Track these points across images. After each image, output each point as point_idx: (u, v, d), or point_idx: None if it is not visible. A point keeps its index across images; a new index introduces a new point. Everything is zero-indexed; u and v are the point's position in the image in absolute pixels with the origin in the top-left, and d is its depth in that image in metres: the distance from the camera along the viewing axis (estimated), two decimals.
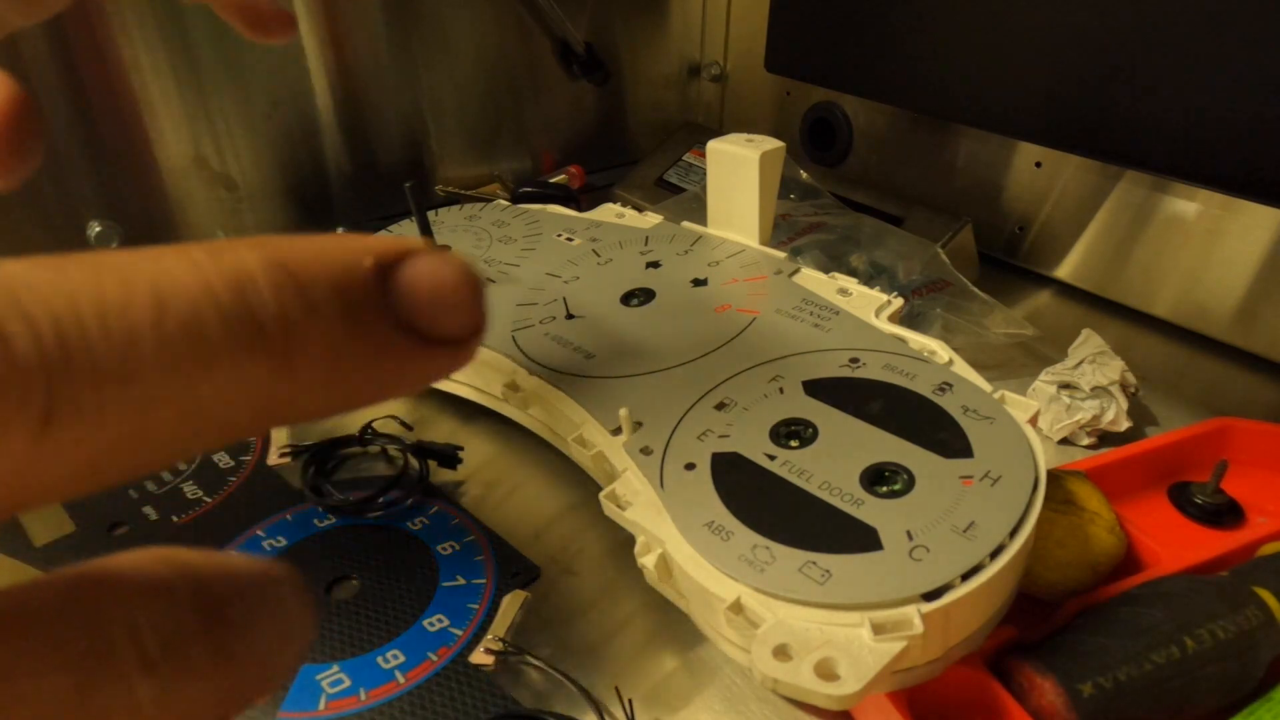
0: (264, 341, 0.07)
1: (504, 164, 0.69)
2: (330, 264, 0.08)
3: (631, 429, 0.32)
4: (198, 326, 0.07)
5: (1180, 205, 0.50)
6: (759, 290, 0.39)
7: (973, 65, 0.53)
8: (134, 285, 0.07)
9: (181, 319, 0.07)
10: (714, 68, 0.77)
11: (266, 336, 0.07)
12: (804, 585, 0.24)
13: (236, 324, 0.07)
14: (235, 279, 0.07)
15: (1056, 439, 0.43)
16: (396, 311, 0.08)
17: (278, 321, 0.07)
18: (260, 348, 0.07)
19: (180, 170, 0.55)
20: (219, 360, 0.07)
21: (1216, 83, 0.43)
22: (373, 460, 0.41)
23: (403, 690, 0.30)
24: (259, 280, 0.07)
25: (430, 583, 0.34)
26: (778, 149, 0.41)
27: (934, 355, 0.33)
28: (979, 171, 0.59)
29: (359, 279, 0.08)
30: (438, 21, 0.62)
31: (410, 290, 0.08)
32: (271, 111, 0.58)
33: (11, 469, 0.06)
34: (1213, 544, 0.33)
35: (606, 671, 0.31)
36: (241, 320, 0.07)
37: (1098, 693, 0.26)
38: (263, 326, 0.07)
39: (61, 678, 0.07)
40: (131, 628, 0.07)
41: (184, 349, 0.07)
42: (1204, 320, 0.51)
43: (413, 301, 0.08)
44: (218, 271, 0.07)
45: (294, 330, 0.07)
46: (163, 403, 0.07)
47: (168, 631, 0.07)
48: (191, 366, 0.07)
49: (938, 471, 0.28)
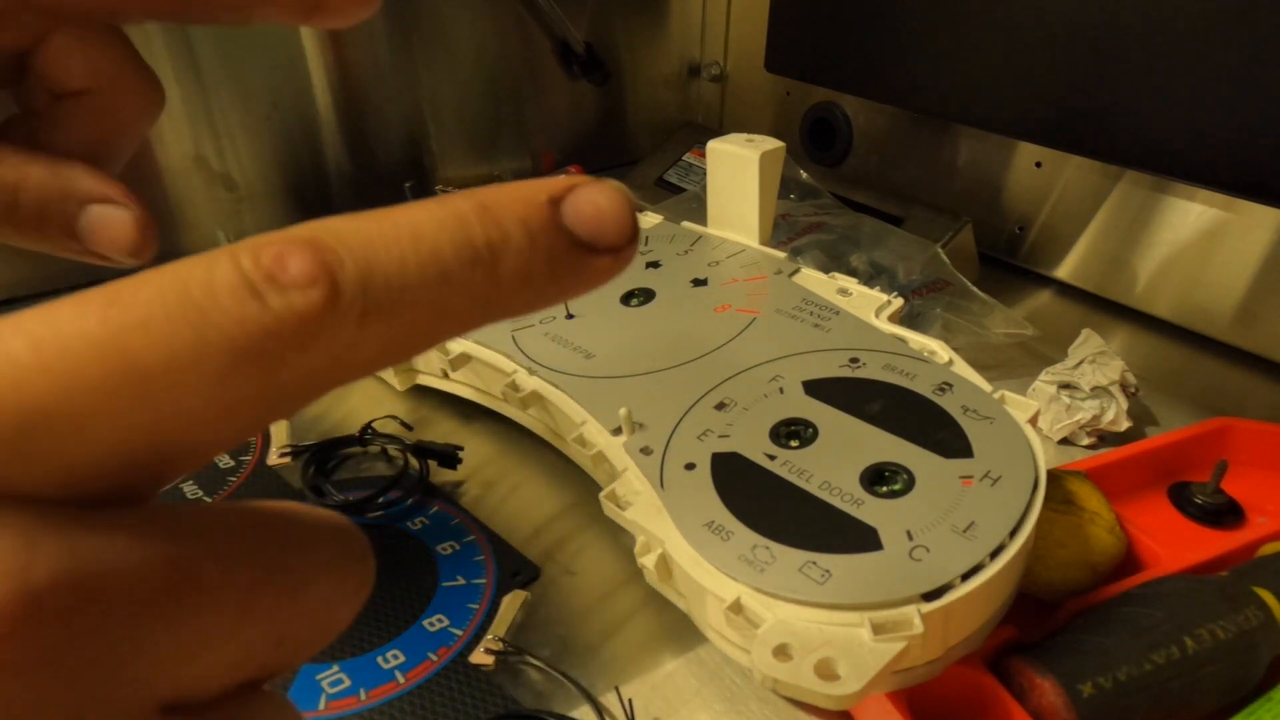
0: (478, 258, 0.10)
1: (504, 164, 0.69)
2: (517, 201, 0.11)
3: (631, 429, 0.32)
4: (437, 250, 0.10)
5: (1180, 205, 0.50)
6: (759, 290, 0.39)
7: (973, 65, 0.53)
8: (400, 227, 0.10)
9: (429, 246, 0.10)
10: (714, 68, 0.77)
11: (479, 255, 0.10)
12: (804, 585, 0.24)
13: (461, 247, 0.10)
14: (456, 218, 0.10)
15: (1056, 439, 0.43)
16: (568, 230, 0.11)
17: (485, 244, 0.11)
18: (476, 262, 0.10)
19: (180, 170, 0.55)
20: (453, 272, 0.10)
21: (1217, 83, 0.43)
22: (373, 460, 0.41)
23: (403, 690, 0.30)
24: (470, 218, 0.11)
25: (430, 583, 0.34)
26: (778, 149, 0.41)
27: (934, 355, 0.33)
28: (979, 171, 0.59)
29: (537, 210, 0.11)
30: (438, 21, 0.62)
31: (576, 212, 0.11)
32: (271, 111, 0.58)
33: (345, 346, 0.10)
34: (1213, 544, 0.33)
35: (606, 671, 0.31)
36: (463, 244, 0.10)
37: (1098, 693, 0.26)
38: (476, 248, 0.10)
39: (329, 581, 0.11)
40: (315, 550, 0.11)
41: (432, 266, 0.10)
42: (1204, 320, 0.51)
43: (578, 221, 0.11)
44: (445, 214, 0.10)
45: (496, 249, 0.11)
46: (424, 302, 0.10)
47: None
48: (437, 277, 0.10)
49: (938, 471, 0.28)
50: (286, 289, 0.09)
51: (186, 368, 0.09)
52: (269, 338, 0.09)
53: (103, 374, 0.09)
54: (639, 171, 0.68)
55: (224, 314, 0.09)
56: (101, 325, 0.09)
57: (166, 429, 0.09)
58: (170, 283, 0.09)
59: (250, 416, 0.10)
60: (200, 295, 0.09)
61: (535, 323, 0.40)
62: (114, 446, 0.09)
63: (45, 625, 0.08)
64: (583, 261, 0.11)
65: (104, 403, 0.09)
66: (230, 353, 0.09)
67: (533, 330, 0.39)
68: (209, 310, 0.09)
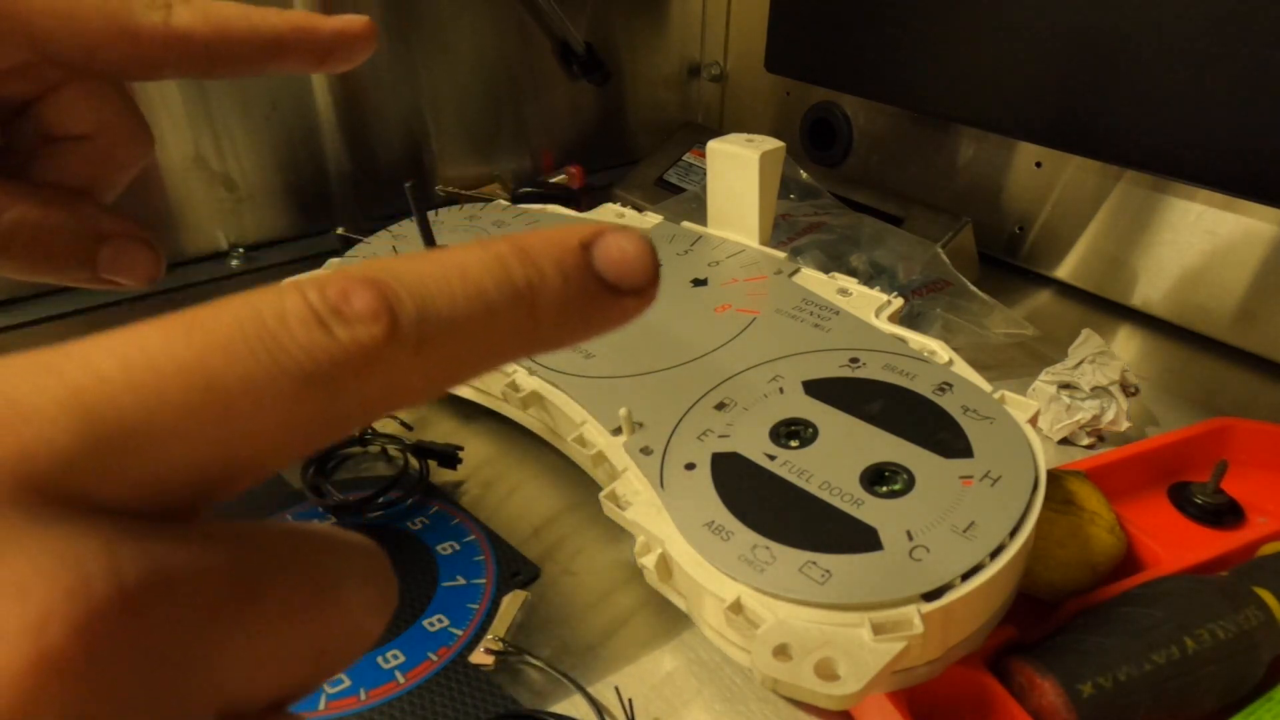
0: (519, 296, 0.12)
1: (504, 164, 0.69)
2: (552, 245, 0.12)
3: (631, 429, 0.32)
4: (483, 289, 0.11)
5: (1180, 205, 0.50)
6: (759, 290, 0.39)
7: (973, 65, 0.53)
8: (449, 268, 0.11)
9: (475, 286, 0.11)
10: (714, 68, 0.77)
11: (520, 293, 0.12)
12: (804, 585, 0.24)
13: (504, 285, 0.11)
14: (498, 260, 0.12)
15: (1056, 439, 0.43)
16: (598, 273, 0.12)
17: (525, 283, 0.12)
18: (517, 300, 0.12)
19: (180, 170, 0.55)
20: (497, 308, 0.11)
21: (1217, 83, 0.43)
22: (373, 460, 0.41)
23: (403, 690, 0.30)
24: (511, 260, 0.12)
25: (430, 583, 0.34)
26: (778, 149, 0.41)
27: (934, 355, 0.33)
28: (979, 171, 0.59)
29: (570, 253, 0.12)
30: (438, 21, 0.62)
31: (605, 257, 0.12)
32: (271, 111, 0.58)
33: (400, 374, 0.11)
34: (1213, 544, 0.33)
35: (606, 672, 0.31)
36: (505, 283, 0.11)
37: (1098, 693, 0.26)
38: (517, 287, 0.12)
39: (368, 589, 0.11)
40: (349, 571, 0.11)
41: (478, 302, 0.11)
42: (1204, 320, 0.51)
43: (607, 265, 0.12)
44: (489, 256, 0.12)
45: (535, 288, 0.12)
46: (471, 335, 0.11)
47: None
48: (484, 312, 0.11)
49: (938, 471, 0.28)
50: (351, 322, 0.10)
51: (262, 389, 0.10)
52: (334, 365, 0.10)
53: (186, 393, 0.10)
54: (639, 171, 0.68)
55: (295, 341, 0.10)
56: (187, 348, 0.10)
57: (237, 447, 0.10)
58: (246, 311, 0.10)
59: (309, 437, 0.11)
60: (274, 324, 0.10)
61: None
62: (190, 462, 0.10)
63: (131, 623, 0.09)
64: (610, 301, 0.12)
65: (186, 420, 0.10)
66: (299, 377, 0.10)
67: None
68: (281, 338, 0.10)
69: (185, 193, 0.56)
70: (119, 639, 0.09)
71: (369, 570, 0.12)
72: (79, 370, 0.09)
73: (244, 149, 0.57)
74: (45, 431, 0.09)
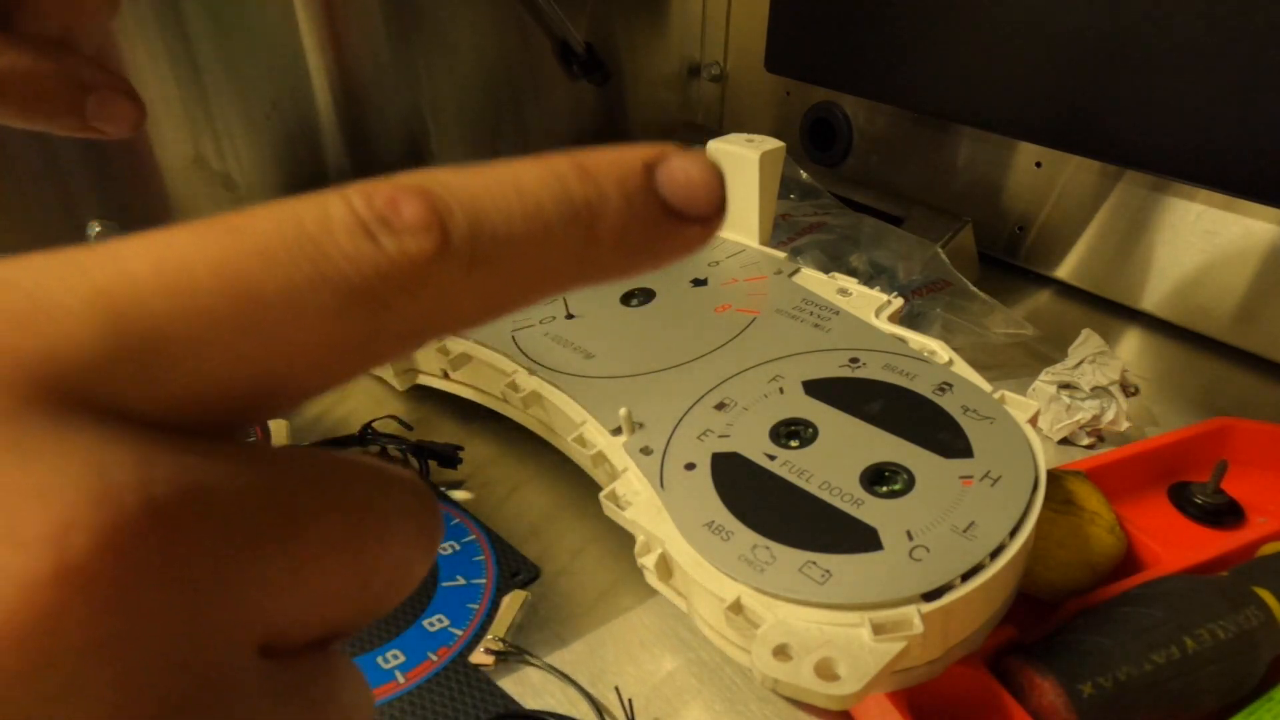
0: (577, 215, 0.11)
1: None
2: (614, 164, 0.11)
3: (631, 429, 0.32)
4: (540, 205, 0.10)
5: (1180, 205, 0.50)
6: (759, 290, 0.39)
7: (973, 65, 0.53)
8: (504, 182, 0.10)
9: (532, 201, 0.10)
10: (714, 68, 0.77)
11: (578, 212, 0.11)
12: (804, 585, 0.24)
13: (562, 203, 0.11)
14: (556, 176, 0.11)
15: (1056, 439, 0.43)
16: (661, 197, 0.11)
17: (584, 202, 0.11)
18: (575, 220, 0.11)
19: (180, 170, 0.55)
20: (554, 227, 0.10)
21: (1217, 83, 0.43)
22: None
23: (403, 690, 0.30)
24: (569, 176, 0.11)
25: (430, 583, 0.34)
26: (778, 149, 0.41)
27: (934, 355, 0.33)
28: (979, 171, 0.59)
29: (633, 173, 0.11)
30: (438, 21, 0.62)
31: (669, 181, 0.11)
32: (271, 111, 0.58)
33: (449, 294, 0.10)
34: (1213, 544, 0.33)
35: (606, 672, 0.31)
36: (563, 201, 0.11)
37: (1098, 693, 0.26)
38: (575, 206, 0.11)
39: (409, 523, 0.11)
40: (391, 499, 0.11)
41: (535, 219, 0.10)
42: (1204, 320, 0.51)
43: (671, 189, 0.11)
44: (546, 171, 0.11)
45: (595, 208, 0.11)
46: (526, 256, 0.10)
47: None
48: (540, 230, 0.10)
49: (938, 471, 0.28)
50: (399, 232, 0.09)
51: (302, 298, 0.09)
52: (380, 278, 0.09)
53: (221, 298, 0.09)
54: None
55: (339, 250, 0.09)
56: (222, 250, 0.09)
57: (273, 362, 0.09)
58: (287, 216, 0.09)
59: (350, 359, 0.10)
60: (316, 230, 0.09)
61: (535, 323, 0.40)
62: (223, 375, 0.09)
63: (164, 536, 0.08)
64: (674, 228, 0.12)
65: (220, 328, 0.09)
66: (343, 289, 0.09)
67: (532, 330, 0.39)
68: (325, 245, 0.09)
69: (185, 192, 0.56)
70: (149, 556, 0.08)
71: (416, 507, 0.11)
72: (108, 270, 0.09)
73: (244, 149, 0.57)
74: (71, 330, 0.08)
